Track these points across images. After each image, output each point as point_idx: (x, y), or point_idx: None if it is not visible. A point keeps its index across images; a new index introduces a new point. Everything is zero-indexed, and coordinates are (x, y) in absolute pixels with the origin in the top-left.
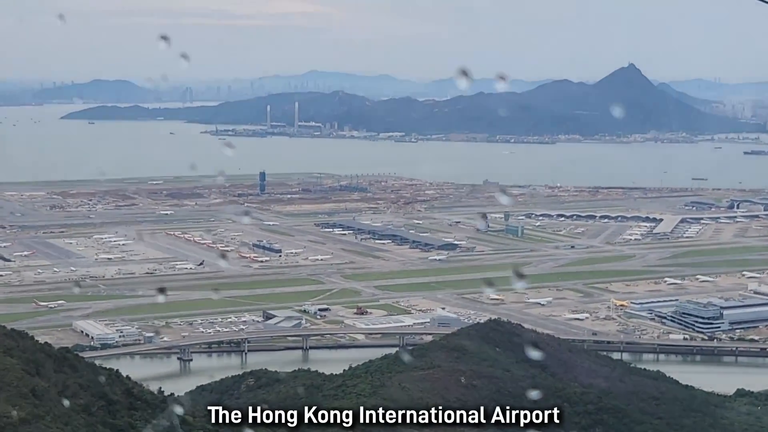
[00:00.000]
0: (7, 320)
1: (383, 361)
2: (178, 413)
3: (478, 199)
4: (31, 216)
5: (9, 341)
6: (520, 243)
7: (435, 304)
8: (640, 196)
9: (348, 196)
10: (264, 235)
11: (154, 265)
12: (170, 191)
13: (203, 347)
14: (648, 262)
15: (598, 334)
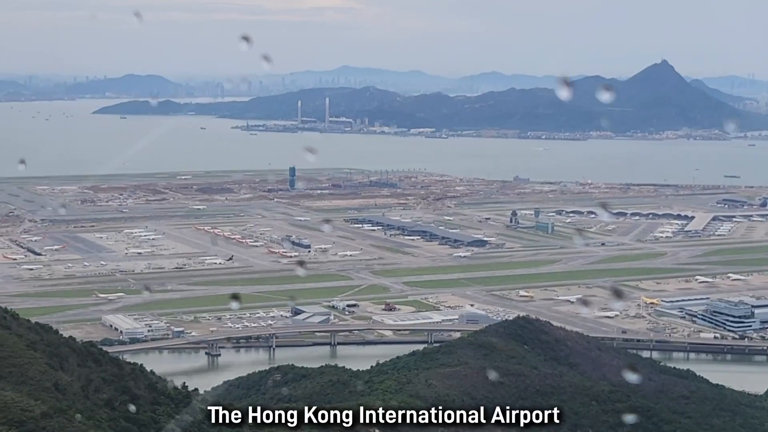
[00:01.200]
0: (37, 314)
1: (411, 357)
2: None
3: (509, 195)
4: (63, 210)
5: (33, 335)
6: (550, 240)
7: (464, 300)
8: (671, 194)
9: (378, 192)
10: (293, 230)
11: (183, 260)
12: (200, 186)
13: (231, 342)
14: (679, 260)
15: (627, 332)
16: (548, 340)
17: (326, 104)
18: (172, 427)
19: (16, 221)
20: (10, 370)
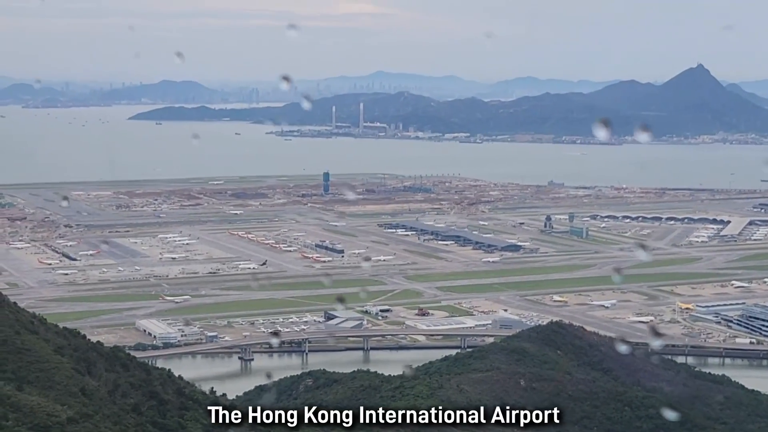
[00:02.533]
0: (71, 318)
1: (443, 362)
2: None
3: (543, 200)
4: (98, 215)
5: (61, 340)
6: (584, 245)
7: (497, 305)
8: (707, 198)
9: (412, 197)
10: (327, 235)
11: (217, 265)
12: (235, 191)
13: (264, 347)
14: (715, 265)
15: (662, 337)
16: (581, 345)
17: (360, 109)
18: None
19: (52, 226)
20: (36, 375)
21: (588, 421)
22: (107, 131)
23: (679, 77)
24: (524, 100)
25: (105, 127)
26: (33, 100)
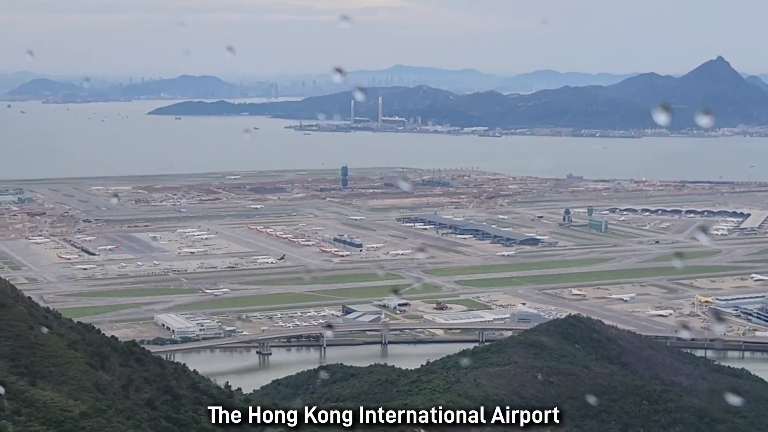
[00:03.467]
0: (89, 313)
1: (461, 356)
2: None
3: (562, 194)
4: (117, 210)
5: (75, 334)
6: (603, 238)
7: (516, 299)
8: (727, 191)
9: (430, 191)
10: (345, 229)
11: (235, 259)
12: (253, 186)
13: (282, 341)
14: (734, 258)
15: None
16: (600, 339)
17: (379, 103)
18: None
19: (71, 221)
20: (50, 370)
21: (606, 415)
22: (127, 126)
23: (699, 70)
24: (543, 94)
25: (124, 122)
26: (53, 96)
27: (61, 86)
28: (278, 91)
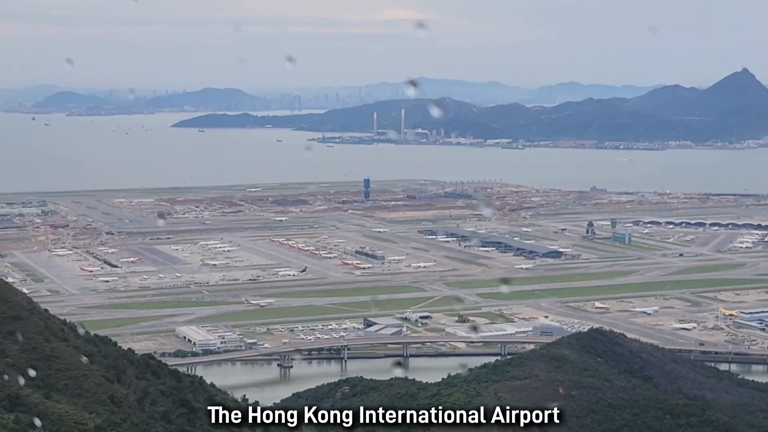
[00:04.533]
0: (111, 325)
1: (482, 369)
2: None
3: (585, 206)
4: (139, 222)
5: (91, 347)
6: (626, 251)
7: (538, 312)
8: (752, 203)
9: (453, 203)
10: (367, 242)
11: (257, 272)
12: (276, 198)
13: (304, 354)
14: (759, 271)
15: (705, 344)
16: (622, 353)
17: (402, 116)
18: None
19: (94, 233)
20: (65, 383)
21: (628, 430)
22: (150, 139)
23: (724, 81)
24: (567, 106)
25: (148, 135)
26: (77, 108)
27: (86, 99)
28: (301, 104)
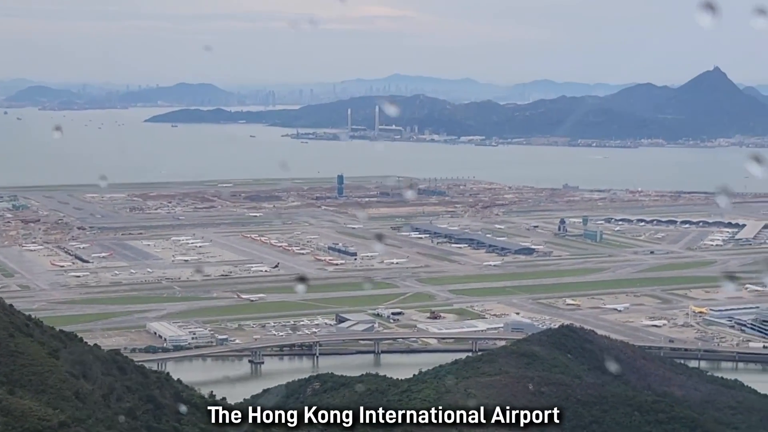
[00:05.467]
0: (82, 321)
1: (452, 366)
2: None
3: (558, 203)
4: (111, 218)
5: (56, 343)
6: (598, 248)
7: (509, 309)
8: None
9: (426, 200)
10: (340, 238)
11: (229, 268)
12: (249, 194)
13: (275, 350)
14: (729, 269)
15: (675, 341)
16: (592, 349)
17: (376, 112)
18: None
19: (65, 228)
20: (30, 379)
21: (597, 426)
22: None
23: (696, 80)
24: (540, 103)
25: (121, 130)
26: (49, 102)
27: (59, 93)
28: (276, 100)
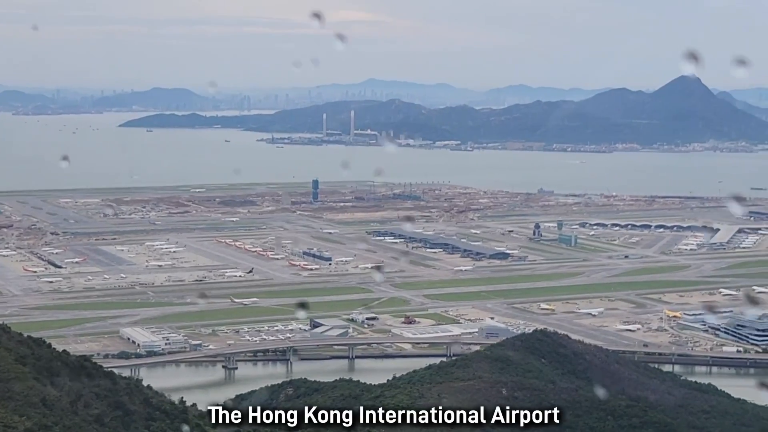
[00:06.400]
0: (55, 326)
1: (426, 371)
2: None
3: (533, 208)
4: (85, 223)
5: (24, 349)
6: (573, 252)
7: (484, 313)
8: (697, 206)
9: (401, 205)
10: (315, 243)
11: (203, 273)
12: (223, 199)
13: (249, 356)
14: (703, 273)
15: (649, 345)
16: (566, 354)
17: (351, 117)
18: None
19: (38, 234)
20: None
21: (570, 431)
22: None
23: (670, 85)
24: (515, 108)
25: (95, 135)
26: (23, 107)
27: (32, 98)
28: (251, 104)
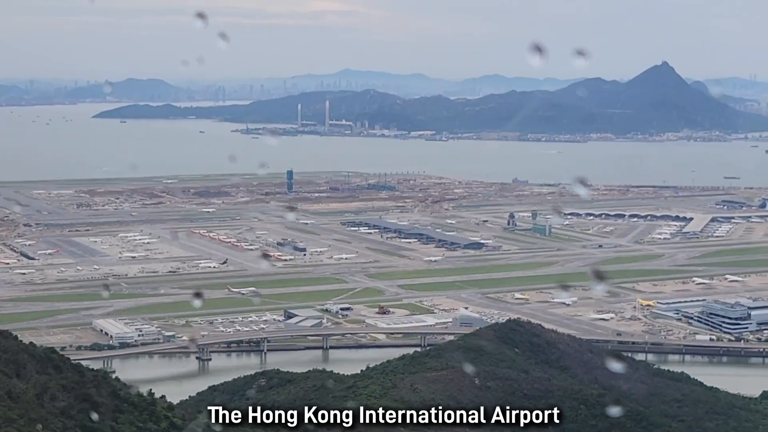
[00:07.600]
0: (27, 318)
1: (400, 361)
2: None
3: (507, 198)
4: (58, 214)
5: None
6: (547, 242)
7: (458, 303)
8: (670, 195)
9: (376, 195)
10: (290, 233)
11: (177, 264)
12: (198, 189)
13: (222, 347)
14: (676, 262)
15: (622, 334)
16: (539, 343)
17: (326, 107)
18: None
19: (11, 225)
20: None
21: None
22: (71, 129)
23: (644, 75)
24: (490, 98)
25: (69, 126)
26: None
27: (5, 89)
28: (225, 95)
